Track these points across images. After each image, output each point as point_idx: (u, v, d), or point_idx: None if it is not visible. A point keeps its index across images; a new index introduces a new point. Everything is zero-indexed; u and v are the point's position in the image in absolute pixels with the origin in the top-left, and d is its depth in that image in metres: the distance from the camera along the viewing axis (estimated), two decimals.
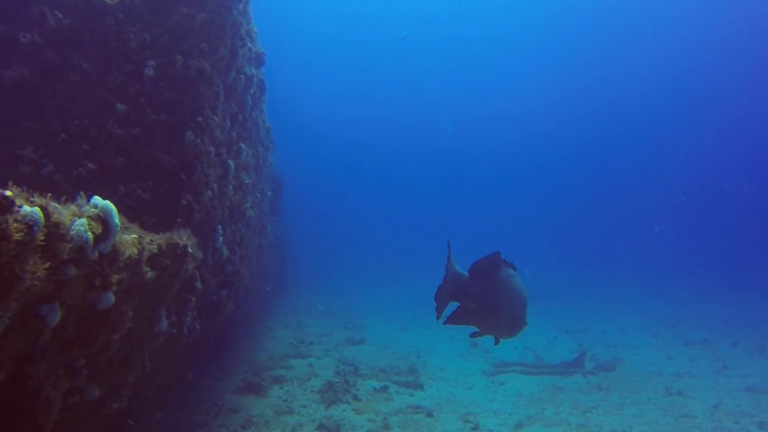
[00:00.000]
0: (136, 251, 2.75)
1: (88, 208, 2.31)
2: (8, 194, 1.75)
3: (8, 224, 1.72)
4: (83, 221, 2.17)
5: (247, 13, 5.50)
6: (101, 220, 2.32)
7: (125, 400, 3.34)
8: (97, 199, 2.36)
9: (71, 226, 2.11)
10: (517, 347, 10.09)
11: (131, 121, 4.24)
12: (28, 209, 1.82)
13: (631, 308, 15.59)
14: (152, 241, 3.09)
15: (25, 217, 1.80)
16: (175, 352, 4.60)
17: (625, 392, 7.91)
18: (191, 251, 3.70)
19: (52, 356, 2.36)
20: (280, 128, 10.61)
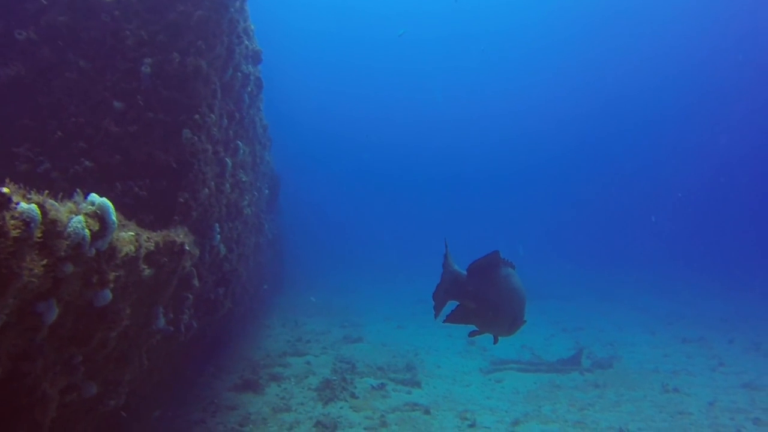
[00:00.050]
0: (133, 248, 2.76)
1: (85, 205, 2.31)
2: (5, 191, 1.75)
3: (5, 221, 1.73)
4: (80, 218, 2.17)
5: (243, 10, 5.50)
6: (98, 217, 2.32)
7: (123, 397, 3.35)
8: (94, 196, 2.36)
9: (68, 223, 2.11)
10: (514, 345, 10.11)
11: (128, 118, 4.24)
12: (25, 206, 1.82)
13: (628, 306, 15.63)
14: (149, 238, 3.09)
15: (22, 213, 1.80)
16: (172, 349, 4.61)
17: (621, 389, 7.94)
18: (188, 249, 3.70)
19: (49, 353, 2.36)
20: (277, 126, 10.61)
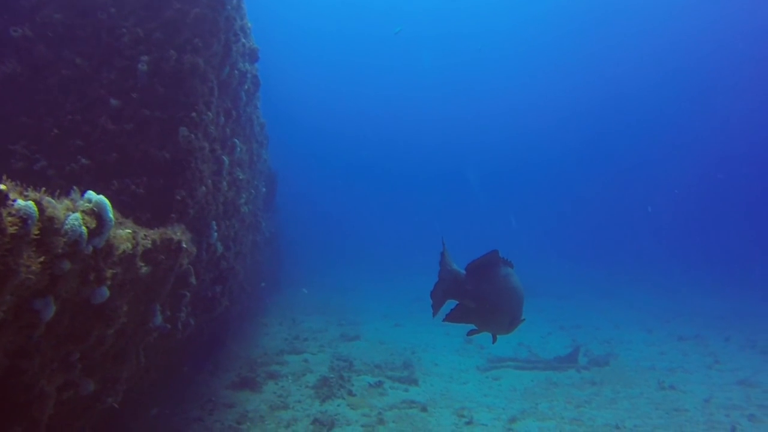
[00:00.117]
0: (130, 246, 2.76)
1: (82, 202, 2.31)
2: (2, 188, 1.75)
3: (2, 218, 1.73)
4: (77, 216, 2.18)
5: (240, 8, 5.49)
6: (95, 214, 2.33)
7: (120, 395, 3.35)
8: (91, 193, 2.36)
9: (65, 220, 2.11)
10: (511, 343, 10.14)
11: (124, 116, 4.23)
12: (22, 203, 1.82)
13: (625, 304, 15.70)
14: (146, 236, 3.09)
15: (19, 210, 1.80)
16: (169, 347, 4.61)
17: (617, 387, 7.98)
18: (185, 246, 3.70)
19: (46, 350, 2.36)
20: (274, 124, 10.60)
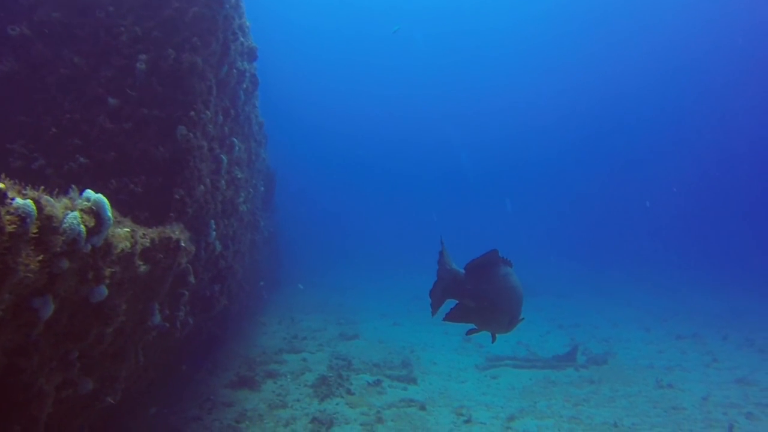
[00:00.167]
0: (128, 245, 2.76)
1: (80, 201, 2.31)
2: (1, 186, 1.75)
3: (1, 216, 1.73)
4: (76, 214, 2.18)
5: (239, 7, 5.49)
6: (94, 213, 2.33)
7: (119, 393, 3.35)
8: (89, 192, 2.36)
9: (64, 219, 2.11)
10: (510, 341, 10.15)
11: (123, 115, 4.23)
12: (20, 201, 1.82)
13: (623, 303, 15.72)
14: (145, 234, 3.09)
15: (17, 209, 1.80)
16: (168, 346, 4.61)
17: (616, 385, 8.00)
18: (184, 245, 3.70)
19: (45, 349, 2.36)
20: (272, 123, 10.59)
